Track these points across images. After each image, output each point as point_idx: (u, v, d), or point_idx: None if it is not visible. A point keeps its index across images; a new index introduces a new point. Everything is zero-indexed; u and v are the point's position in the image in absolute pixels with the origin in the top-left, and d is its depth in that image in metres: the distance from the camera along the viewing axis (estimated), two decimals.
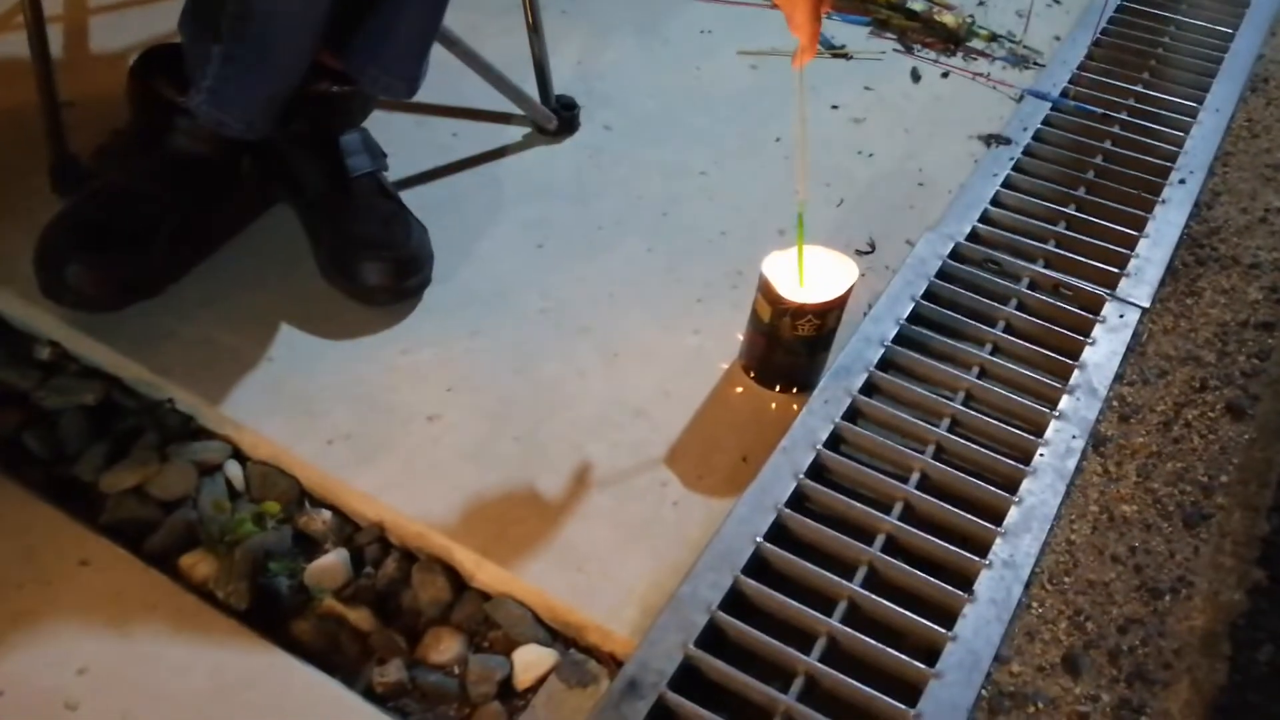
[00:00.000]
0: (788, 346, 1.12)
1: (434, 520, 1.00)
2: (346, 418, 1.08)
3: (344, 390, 1.10)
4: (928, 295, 1.29)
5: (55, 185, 1.22)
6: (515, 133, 1.47)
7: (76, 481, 1.02)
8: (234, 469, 1.05)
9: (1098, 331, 1.28)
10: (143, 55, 1.19)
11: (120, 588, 0.93)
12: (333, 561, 0.99)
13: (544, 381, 1.15)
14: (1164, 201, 1.49)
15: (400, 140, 1.36)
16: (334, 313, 1.18)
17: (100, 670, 0.88)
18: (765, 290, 1.09)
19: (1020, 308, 1.30)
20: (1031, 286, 1.33)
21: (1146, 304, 1.33)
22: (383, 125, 1.29)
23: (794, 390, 1.16)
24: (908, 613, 0.97)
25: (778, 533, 1.03)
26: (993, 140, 1.57)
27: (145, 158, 1.15)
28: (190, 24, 1.12)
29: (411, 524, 1.01)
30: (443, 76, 1.24)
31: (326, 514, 1.03)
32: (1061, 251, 1.38)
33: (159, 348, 1.11)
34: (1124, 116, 1.64)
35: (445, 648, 0.95)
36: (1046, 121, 1.62)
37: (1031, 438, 1.14)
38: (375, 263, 1.16)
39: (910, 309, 1.26)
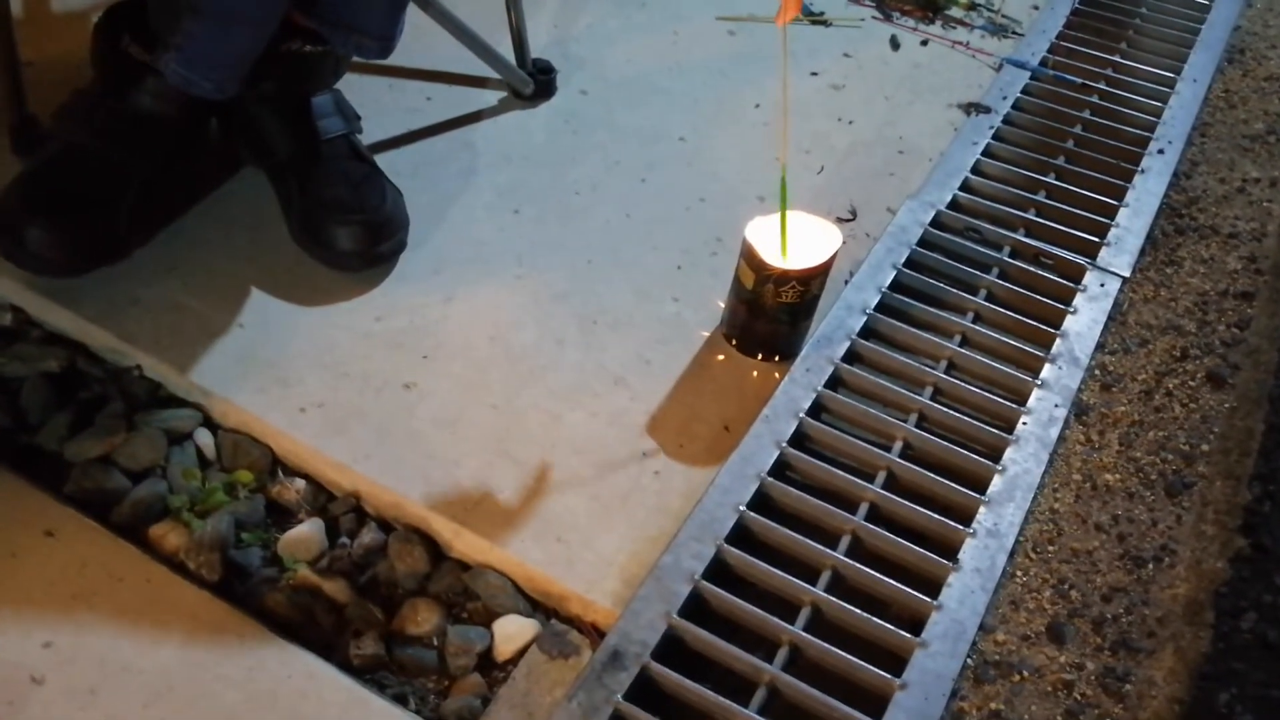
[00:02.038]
0: (770, 314, 1.10)
1: (410, 490, 0.98)
2: (320, 385, 1.05)
3: (317, 357, 1.08)
4: (909, 263, 1.28)
5: (14, 146, 1.19)
6: (490, 97, 1.44)
7: (40, 450, 0.99)
8: (204, 437, 1.02)
9: (1079, 300, 1.27)
10: (107, 12, 1.15)
11: (87, 559, 0.90)
12: (307, 532, 0.97)
13: (521, 349, 1.13)
14: (1143, 171, 1.49)
15: (373, 104, 1.33)
16: (306, 278, 1.15)
17: (66, 644, 0.85)
18: (749, 256, 1.07)
19: (1002, 276, 1.29)
20: (1013, 255, 1.32)
21: (1127, 273, 1.33)
22: (355, 88, 1.26)
23: (776, 358, 1.15)
24: (892, 582, 0.96)
25: (761, 502, 1.02)
26: (973, 108, 1.56)
27: (108, 118, 1.11)
28: None
29: (387, 493, 0.98)
30: (417, 39, 1.22)
31: (300, 483, 1.00)
32: (1042, 220, 1.38)
33: (125, 314, 1.08)
34: (1103, 86, 1.63)
35: (423, 619, 0.93)
36: (1026, 90, 1.61)
37: (1014, 406, 1.14)
38: (347, 227, 1.14)
39: (892, 277, 1.25)
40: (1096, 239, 1.36)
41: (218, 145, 1.21)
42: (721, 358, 1.15)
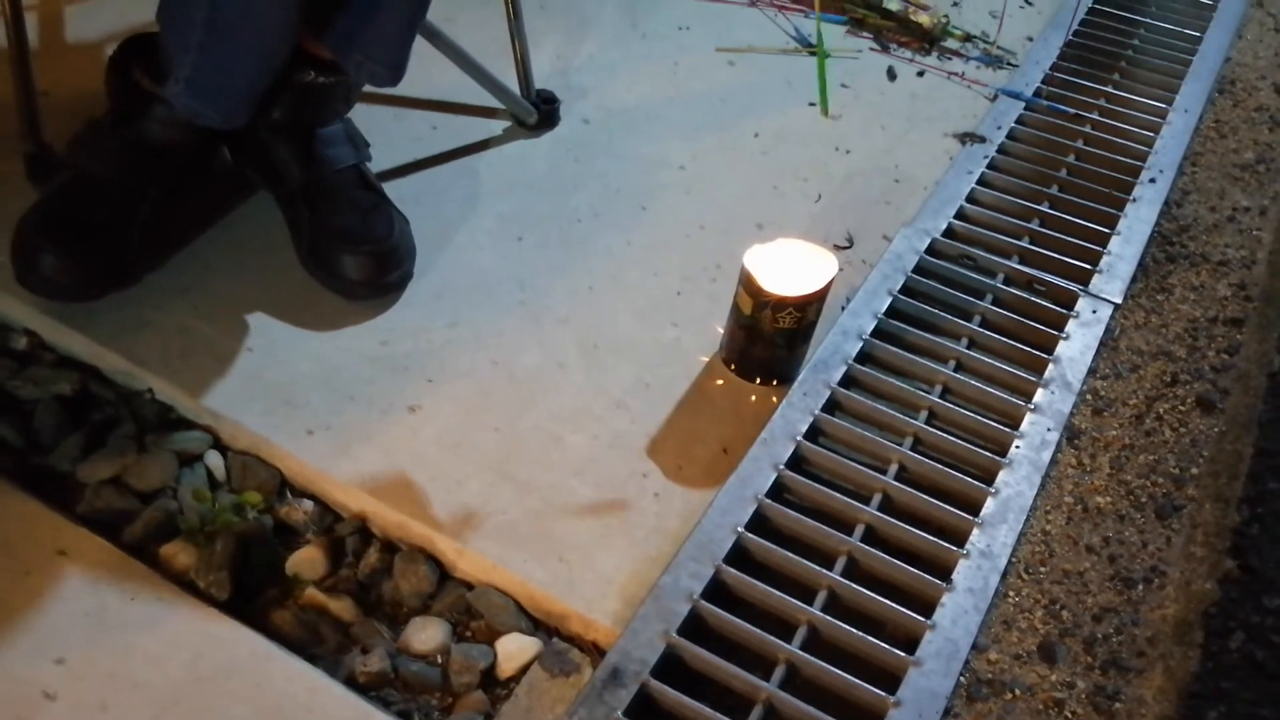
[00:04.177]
0: (768, 339, 1.12)
1: (415, 510, 1.00)
2: (327, 408, 1.08)
3: (324, 380, 1.10)
4: (905, 290, 1.30)
5: (30, 174, 1.21)
6: (495, 126, 1.46)
7: (53, 471, 1.01)
8: (214, 459, 1.04)
9: (1071, 326, 1.30)
10: (123, 44, 1.18)
11: (99, 577, 0.92)
12: (314, 552, 0.99)
13: (524, 373, 1.15)
14: (1135, 200, 1.51)
15: (379, 132, 1.35)
16: (313, 303, 1.17)
17: (78, 660, 0.87)
18: (747, 283, 1.10)
19: (995, 303, 1.31)
20: (1007, 282, 1.35)
21: (1119, 300, 1.35)
22: (362, 117, 1.28)
23: (773, 383, 1.17)
24: (887, 602, 0.98)
25: (758, 523, 1.03)
26: (968, 138, 1.58)
27: (121, 147, 1.14)
28: (167, 13, 1.11)
29: (393, 514, 1.00)
30: (422, 69, 1.24)
31: (308, 504, 1.02)
32: (1036, 248, 1.40)
33: (136, 337, 1.10)
34: (1095, 116, 1.66)
35: (428, 637, 0.95)
36: (1020, 120, 1.64)
37: (1007, 430, 1.16)
38: (355, 256, 1.16)
39: (888, 303, 1.27)
40: (1089, 266, 1.38)
41: (228, 172, 1.24)
42: (720, 382, 1.17)
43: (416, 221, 1.24)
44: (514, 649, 0.95)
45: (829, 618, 0.96)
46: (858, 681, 0.92)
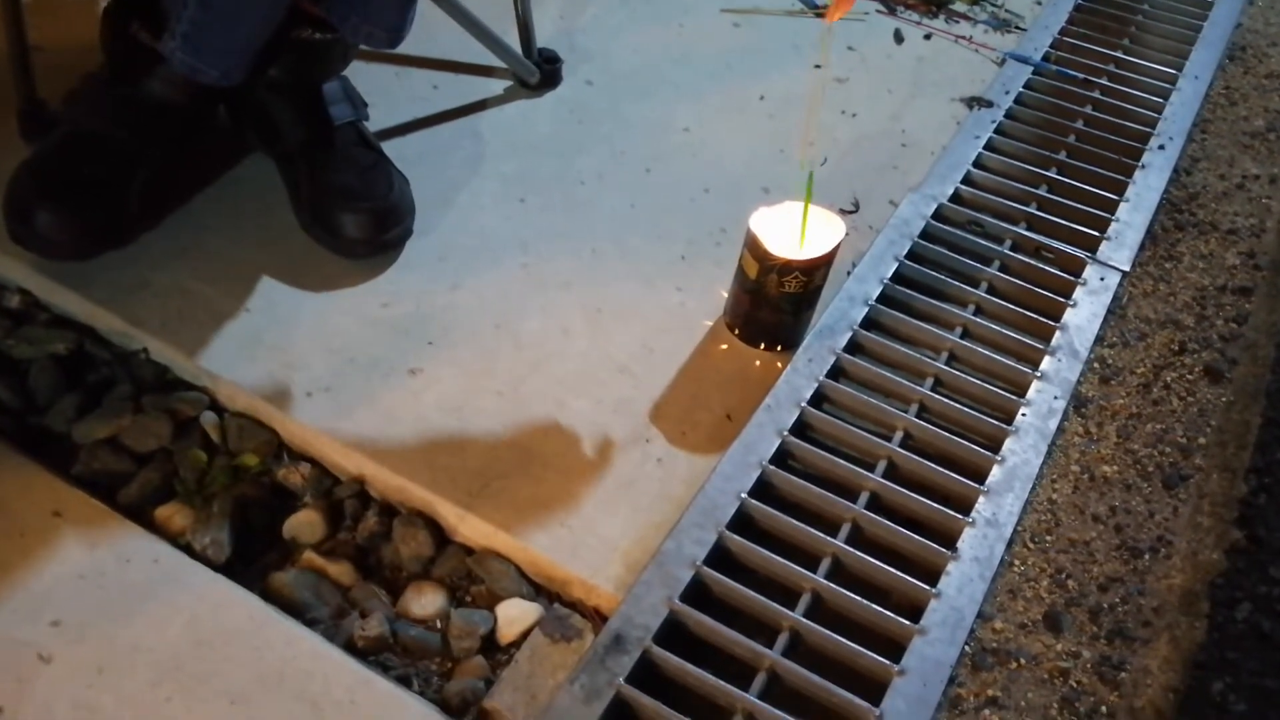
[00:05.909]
0: (773, 304, 1.11)
1: (415, 474, 0.99)
2: (326, 370, 1.06)
3: (323, 342, 1.09)
4: (911, 255, 1.29)
5: (23, 131, 1.19)
6: (496, 86, 1.44)
7: (48, 432, 1.00)
8: (211, 420, 1.03)
9: (1079, 294, 1.28)
10: None
11: (94, 539, 0.91)
12: (312, 515, 0.98)
13: (526, 336, 1.13)
14: (1144, 167, 1.49)
15: (380, 91, 1.33)
16: (313, 264, 1.15)
17: (74, 622, 0.86)
18: (753, 246, 1.08)
19: (1002, 269, 1.30)
20: (1014, 248, 1.33)
21: (1127, 267, 1.34)
22: (362, 76, 1.26)
23: (778, 348, 1.15)
24: (892, 569, 0.97)
25: (762, 489, 1.02)
26: (975, 103, 1.56)
27: (117, 103, 1.12)
28: None
29: (393, 477, 0.99)
30: (423, 27, 1.22)
31: (306, 467, 1.01)
32: (1043, 214, 1.39)
33: (132, 297, 1.09)
34: (1104, 82, 1.64)
35: (427, 602, 0.94)
36: (1028, 85, 1.62)
37: (1014, 398, 1.14)
38: (354, 214, 1.14)
39: (894, 269, 1.26)
40: (1097, 233, 1.37)
41: (226, 130, 1.22)
42: (724, 347, 1.16)
43: (418, 182, 1.22)
44: (515, 614, 0.94)
45: (833, 585, 0.96)
46: (862, 649, 0.91)
